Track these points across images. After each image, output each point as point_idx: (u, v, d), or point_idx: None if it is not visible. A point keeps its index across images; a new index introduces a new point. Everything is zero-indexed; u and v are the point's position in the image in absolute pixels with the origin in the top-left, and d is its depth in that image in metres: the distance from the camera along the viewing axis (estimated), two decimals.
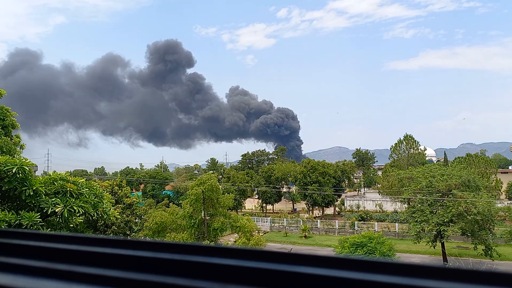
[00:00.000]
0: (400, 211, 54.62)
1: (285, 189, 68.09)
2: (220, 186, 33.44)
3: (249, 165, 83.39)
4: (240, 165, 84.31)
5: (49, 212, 8.05)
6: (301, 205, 67.52)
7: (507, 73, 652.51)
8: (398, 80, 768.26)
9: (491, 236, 31.29)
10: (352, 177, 73.80)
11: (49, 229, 8.71)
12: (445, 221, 30.49)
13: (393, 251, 27.23)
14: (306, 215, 60.11)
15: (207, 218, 28.64)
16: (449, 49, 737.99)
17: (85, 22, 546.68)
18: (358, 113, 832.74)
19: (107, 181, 33.82)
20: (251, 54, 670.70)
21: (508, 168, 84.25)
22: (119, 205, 29.18)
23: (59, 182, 8.48)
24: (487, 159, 64.02)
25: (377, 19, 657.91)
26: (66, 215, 8.13)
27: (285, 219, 54.16)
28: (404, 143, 69.07)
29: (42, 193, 8.12)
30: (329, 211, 66.78)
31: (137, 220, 33.91)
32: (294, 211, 68.50)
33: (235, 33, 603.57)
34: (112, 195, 27.89)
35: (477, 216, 29.41)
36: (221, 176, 75.33)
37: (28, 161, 8.15)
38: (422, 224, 32.06)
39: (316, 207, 62.82)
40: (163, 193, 73.72)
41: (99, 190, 9.12)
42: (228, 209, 31.44)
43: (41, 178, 8.57)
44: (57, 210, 8.07)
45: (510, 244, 37.17)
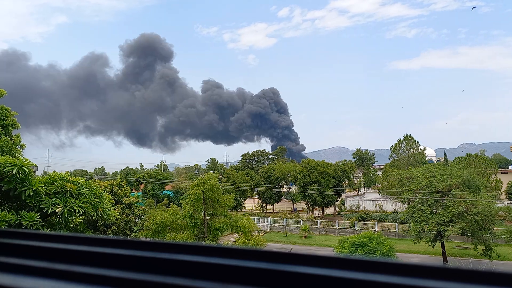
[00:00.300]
0: (400, 211, 54.60)
1: (285, 189, 68.10)
2: (220, 186, 33.43)
3: (249, 165, 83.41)
4: (240, 165, 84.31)
5: (49, 212, 8.05)
6: (301, 205, 67.51)
7: (508, 72, 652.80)
8: (399, 80, 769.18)
9: (491, 236, 31.31)
10: (352, 177, 73.75)
11: (49, 229, 8.71)
12: (445, 221, 30.49)
13: (392, 251, 27.23)
14: (306, 215, 60.09)
15: (208, 218, 28.64)
16: (451, 49, 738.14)
17: (87, 22, 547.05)
18: (358, 113, 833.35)
19: (107, 181, 33.85)
20: (252, 54, 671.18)
21: (508, 168, 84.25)
22: (119, 205, 29.22)
23: (59, 182, 8.48)
24: (487, 159, 64.01)
25: (379, 19, 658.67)
26: (66, 215, 8.13)
27: (285, 219, 54.17)
28: (404, 143, 69.09)
29: (42, 193, 8.12)
30: (329, 211, 66.78)
31: (137, 220, 33.94)
32: (294, 211, 68.51)
33: (236, 33, 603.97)
34: (112, 195, 27.91)
35: (477, 216, 29.41)
36: (221, 176, 75.31)
37: (28, 161, 8.15)
38: (422, 224, 32.06)
39: (316, 207, 62.82)
40: (163, 193, 73.72)
41: (99, 190, 9.12)
42: (228, 209, 31.41)
43: (41, 178, 8.57)
44: (57, 210, 8.07)
45: (510, 244, 37.17)
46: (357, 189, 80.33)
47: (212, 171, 79.67)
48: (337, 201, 65.25)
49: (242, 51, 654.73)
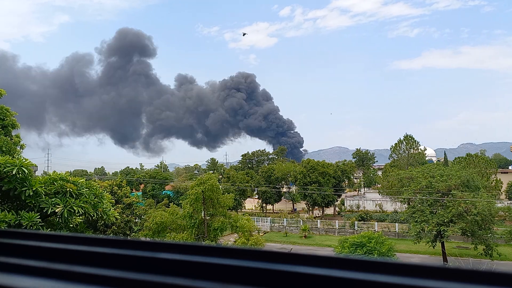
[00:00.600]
0: (400, 211, 54.61)
1: (285, 189, 68.11)
2: (220, 186, 33.43)
3: (249, 165, 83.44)
4: (240, 165, 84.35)
5: (49, 212, 8.05)
6: (301, 205, 67.52)
7: (509, 72, 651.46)
8: (400, 80, 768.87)
9: (490, 236, 31.32)
10: (352, 177, 73.80)
11: (49, 229, 8.71)
12: (445, 221, 30.51)
13: (392, 251, 27.24)
14: (306, 215, 60.10)
15: (207, 218, 28.64)
16: (453, 48, 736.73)
17: (89, 21, 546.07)
18: (358, 113, 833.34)
19: (107, 181, 33.85)
20: (253, 53, 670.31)
21: (508, 168, 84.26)
22: (119, 205, 29.21)
23: (59, 182, 8.48)
24: (487, 159, 64.03)
25: (380, 18, 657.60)
26: (66, 215, 8.13)
27: (285, 219, 54.17)
28: (404, 143, 69.07)
29: (42, 193, 8.12)
30: (329, 211, 66.79)
31: (137, 220, 33.94)
32: (294, 211, 68.52)
33: (237, 32, 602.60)
34: (112, 195, 27.90)
35: (476, 216, 29.43)
36: (221, 176, 75.30)
37: (28, 161, 8.14)
38: (422, 224, 32.08)
39: (316, 207, 62.84)
40: (163, 193, 73.72)
41: (99, 190, 9.12)
42: (228, 209, 31.42)
43: (41, 178, 8.57)
44: (57, 210, 8.07)
45: (510, 244, 37.18)
46: (357, 189, 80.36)
47: (212, 171, 79.69)
48: (337, 201, 65.27)
49: (243, 50, 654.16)
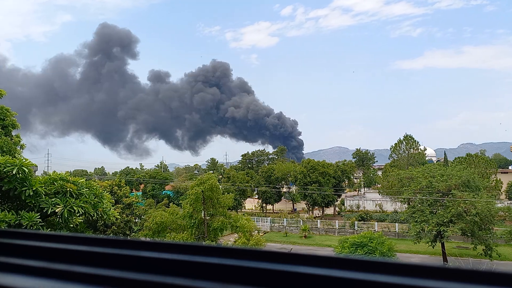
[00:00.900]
0: (400, 211, 54.59)
1: (285, 189, 68.09)
2: (220, 186, 33.42)
3: (249, 165, 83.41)
4: (240, 165, 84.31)
5: (49, 212, 8.05)
6: (301, 205, 67.51)
7: (510, 72, 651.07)
8: (401, 80, 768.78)
9: (490, 236, 31.31)
10: (352, 177, 73.78)
11: (49, 229, 8.71)
12: (445, 221, 30.50)
13: (392, 251, 27.23)
14: (306, 215, 60.09)
15: (207, 218, 28.64)
16: (455, 48, 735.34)
17: (92, 20, 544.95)
18: (358, 113, 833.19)
19: (107, 181, 33.86)
20: (254, 53, 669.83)
21: (508, 168, 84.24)
22: (119, 205, 29.23)
23: (59, 182, 8.48)
24: (487, 159, 64.04)
25: (383, 17, 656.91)
26: (66, 215, 8.13)
27: (285, 219, 54.16)
28: (404, 143, 69.08)
29: (42, 193, 8.12)
30: (329, 211, 66.78)
31: (137, 220, 33.95)
32: (294, 211, 68.50)
33: (239, 32, 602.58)
34: (112, 195, 27.91)
35: (476, 216, 29.43)
36: (221, 176, 75.30)
37: (28, 161, 8.15)
38: (422, 224, 32.07)
39: (316, 207, 62.83)
40: (163, 193, 73.69)
41: (99, 190, 9.12)
42: (228, 209, 31.41)
43: (41, 178, 8.57)
44: (57, 210, 8.07)
45: (510, 244, 37.17)
46: (357, 189, 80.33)
47: (212, 171, 79.66)
48: (337, 201, 65.25)
49: (244, 50, 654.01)
